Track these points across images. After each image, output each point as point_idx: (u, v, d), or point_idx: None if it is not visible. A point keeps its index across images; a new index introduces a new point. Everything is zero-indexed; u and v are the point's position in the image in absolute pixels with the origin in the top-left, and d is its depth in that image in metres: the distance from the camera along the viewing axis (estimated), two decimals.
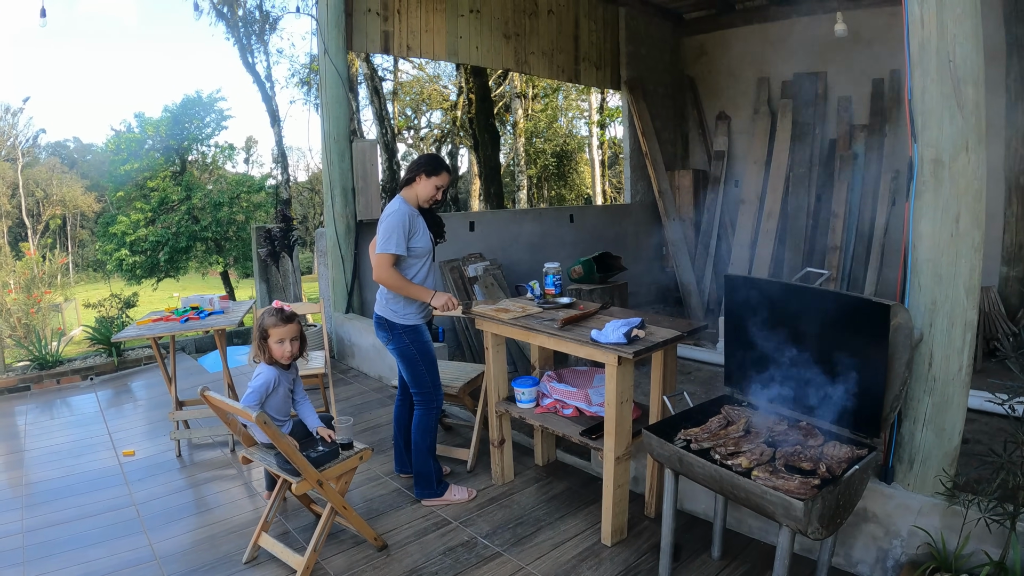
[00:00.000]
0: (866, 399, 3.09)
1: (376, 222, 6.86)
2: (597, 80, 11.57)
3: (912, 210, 3.40)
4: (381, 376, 7.63)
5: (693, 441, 3.26)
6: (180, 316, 5.92)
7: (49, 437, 6.57)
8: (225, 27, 24.96)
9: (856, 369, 3.09)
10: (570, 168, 29.83)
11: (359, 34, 8.24)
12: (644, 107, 11.65)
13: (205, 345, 10.68)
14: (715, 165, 12.03)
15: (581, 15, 10.93)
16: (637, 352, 3.63)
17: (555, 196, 30.17)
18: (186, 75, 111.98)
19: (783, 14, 11.07)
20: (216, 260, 26.55)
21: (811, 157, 10.74)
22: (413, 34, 8.73)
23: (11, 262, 11.08)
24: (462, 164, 30.17)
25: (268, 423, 3.43)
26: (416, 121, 29.22)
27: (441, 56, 9.18)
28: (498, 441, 4.82)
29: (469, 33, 9.31)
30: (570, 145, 29.75)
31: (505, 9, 9.73)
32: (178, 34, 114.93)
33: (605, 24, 11.38)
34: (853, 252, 10.15)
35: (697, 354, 8.32)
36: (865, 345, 3.06)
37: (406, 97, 27.94)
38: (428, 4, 8.82)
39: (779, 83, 11.34)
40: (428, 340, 4.61)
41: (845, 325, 3.14)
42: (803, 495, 2.70)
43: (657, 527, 4.06)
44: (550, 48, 10.48)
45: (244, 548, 4.07)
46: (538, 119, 28.25)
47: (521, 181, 23.67)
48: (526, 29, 10.06)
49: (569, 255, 10.14)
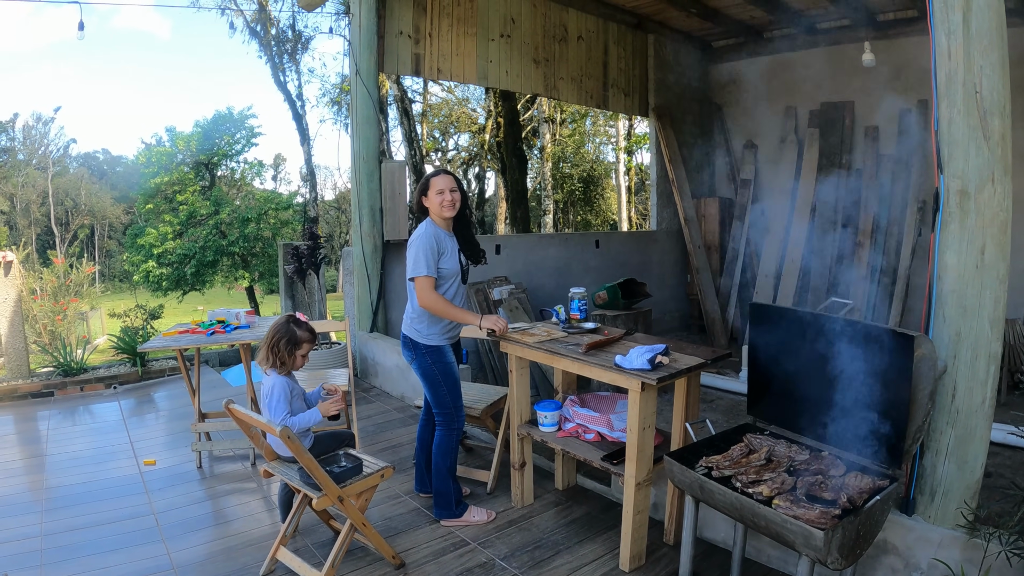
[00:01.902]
0: (888, 430, 3.10)
1: (403, 243, 6.98)
2: (625, 106, 11.62)
3: (938, 241, 3.40)
4: (403, 396, 7.65)
5: (714, 469, 3.27)
6: (206, 329, 5.97)
7: (71, 443, 6.64)
8: (258, 45, 25.30)
9: (879, 399, 3.10)
10: (596, 194, 29.85)
11: (390, 56, 8.32)
12: (671, 134, 11.68)
13: (229, 359, 10.74)
14: (741, 193, 12.03)
15: (610, 41, 10.99)
16: (661, 378, 3.63)
17: (581, 221, 30.16)
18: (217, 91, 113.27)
19: (811, 43, 11.10)
20: (242, 275, 26.64)
21: (837, 187, 10.71)
22: (444, 57, 8.81)
23: (39, 269, 11.18)
24: (488, 187, 30.26)
25: (292, 437, 3.46)
26: (444, 143, 29.36)
27: (471, 80, 9.25)
28: (519, 464, 4.82)
29: (499, 57, 9.38)
30: (597, 171, 29.77)
31: (535, 35, 9.80)
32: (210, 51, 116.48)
33: (634, 51, 11.44)
34: (878, 283, 10.11)
35: (719, 382, 8.29)
36: (889, 375, 3.07)
37: (435, 119, 28.08)
38: (459, 28, 8.90)
39: (806, 112, 11.34)
40: (451, 362, 4.60)
41: (869, 355, 3.15)
42: (823, 525, 2.70)
43: (676, 554, 4.03)
44: (579, 74, 10.53)
45: (262, 561, 4.09)
46: (566, 144, 28.31)
47: (547, 206, 23.70)
48: (555, 55, 10.13)
49: (594, 280, 10.15)
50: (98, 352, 12.55)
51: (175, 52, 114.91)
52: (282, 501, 4.47)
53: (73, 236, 56.25)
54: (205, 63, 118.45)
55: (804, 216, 10.93)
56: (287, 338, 4.08)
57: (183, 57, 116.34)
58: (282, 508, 4.47)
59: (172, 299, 27.15)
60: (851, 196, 10.67)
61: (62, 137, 70.26)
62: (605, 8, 10.76)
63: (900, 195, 10.07)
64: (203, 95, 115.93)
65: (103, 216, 58.86)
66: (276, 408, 4.00)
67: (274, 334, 4.10)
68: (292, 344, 4.09)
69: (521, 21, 9.61)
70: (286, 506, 4.39)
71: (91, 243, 58.40)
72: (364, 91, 8.01)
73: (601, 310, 8.56)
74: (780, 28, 11.40)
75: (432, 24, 8.68)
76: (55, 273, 10.71)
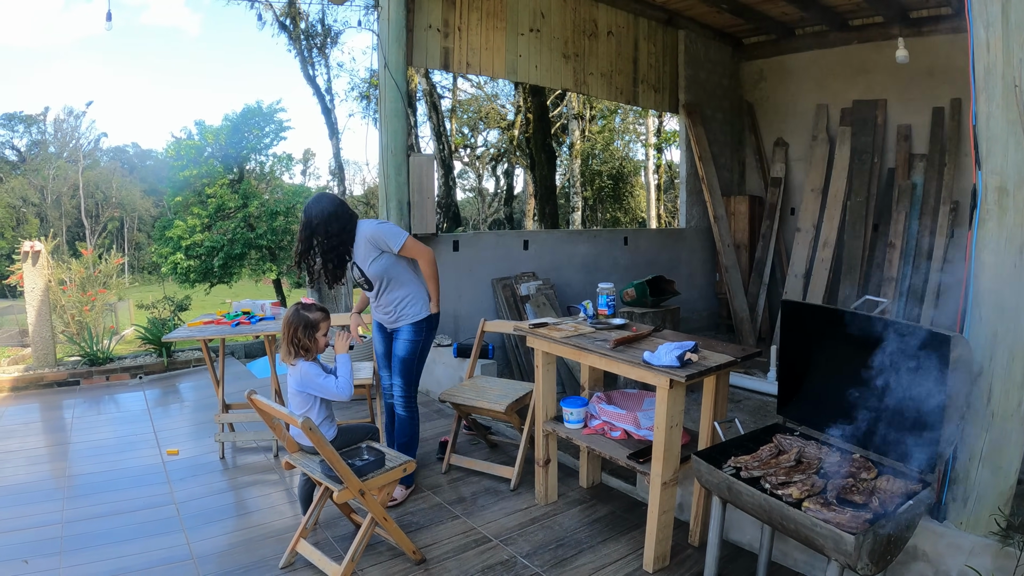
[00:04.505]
0: (922, 432, 3.02)
1: (431, 236, 7.08)
2: (655, 103, 11.54)
3: (975, 239, 3.33)
4: (428, 390, 7.64)
5: (743, 469, 3.21)
6: (231, 320, 5.99)
7: (95, 431, 6.71)
8: (287, 39, 25.37)
9: (913, 401, 3.02)
10: (625, 191, 29.75)
11: (419, 50, 8.30)
12: (702, 131, 11.59)
13: (254, 351, 10.78)
14: (771, 192, 11.93)
15: (640, 37, 10.91)
16: (690, 376, 3.58)
17: (609, 219, 30.08)
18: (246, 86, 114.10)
19: (843, 40, 10.99)
20: (269, 268, 26.82)
21: (869, 186, 10.60)
22: (473, 51, 8.77)
23: (68, 260, 11.27)
24: (517, 183, 30.25)
25: (314, 429, 3.45)
26: (472, 139, 29.37)
27: (500, 74, 9.22)
28: (544, 461, 4.79)
29: (529, 52, 9.33)
30: (626, 168, 29.67)
31: (565, 29, 9.74)
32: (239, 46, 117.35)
33: (664, 47, 11.36)
34: (909, 284, 9.99)
35: (746, 382, 8.22)
36: (923, 377, 2.99)
37: (463, 115, 28.08)
38: (488, 22, 8.86)
39: (838, 110, 11.22)
40: None
41: (904, 356, 3.07)
42: (854, 529, 2.64)
43: (700, 556, 3.97)
44: (609, 69, 10.47)
45: (281, 553, 4.08)
46: (595, 141, 28.23)
47: (576, 202, 23.65)
48: (585, 50, 10.06)
49: (622, 278, 10.09)
50: (124, 342, 12.67)
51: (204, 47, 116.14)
52: (302, 493, 4.46)
53: (103, 228, 56.89)
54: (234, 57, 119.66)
55: (835, 215, 10.82)
56: (303, 325, 4.08)
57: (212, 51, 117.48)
58: (302, 500, 4.46)
59: (200, 291, 27.42)
60: (883, 196, 10.56)
61: (93, 131, 71.17)
62: (635, 3, 10.68)
63: (933, 195, 9.94)
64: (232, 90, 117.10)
65: (132, 209, 59.48)
66: (321, 384, 4.10)
67: (289, 326, 4.10)
68: (310, 328, 4.10)
69: (551, 15, 9.56)
70: (307, 498, 4.38)
71: (120, 235, 59.01)
72: (392, 85, 7.98)
73: (629, 307, 8.51)
74: (811, 24, 11.29)
75: (461, 18, 8.64)
76: (84, 264, 10.78)
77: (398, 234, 4.71)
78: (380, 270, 4.73)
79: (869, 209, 10.58)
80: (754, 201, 12.00)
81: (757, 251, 11.87)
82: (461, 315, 8.72)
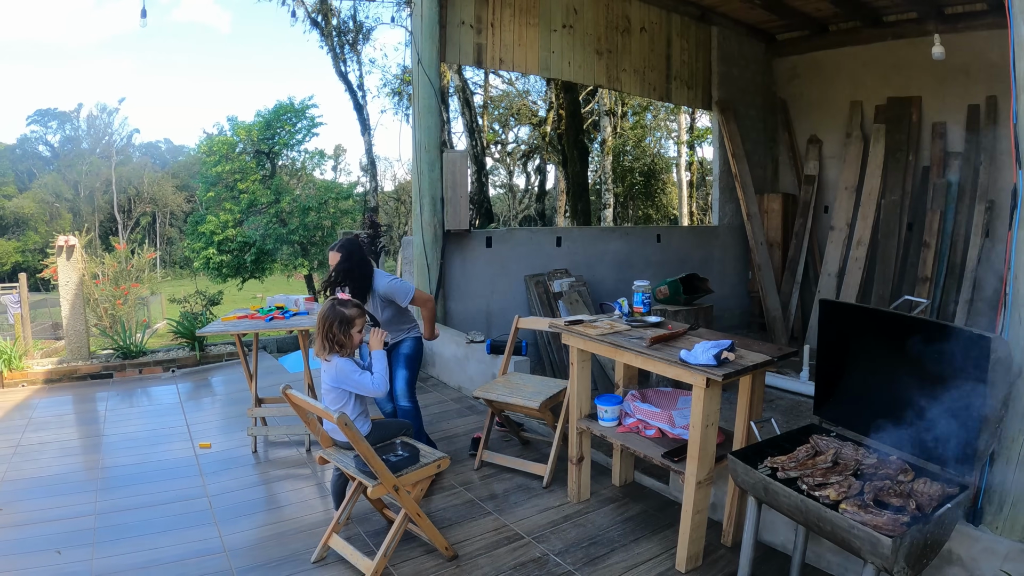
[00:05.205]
0: (960, 435, 2.99)
1: (464, 232, 7.16)
2: (688, 99, 11.52)
3: (1015, 239, 3.29)
4: (461, 386, 7.67)
5: (780, 470, 3.20)
6: (265, 315, 6.03)
7: (127, 424, 6.80)
8: (319, 36, 25.43)
9: (951, 403, 3.00)
10: (656, 187, 29.62)
11: (452, 46, 8.33)
12: (735, 128, 11.54)
13: (287, 345, 10.85)
14: (805, 190, 11.86)
15: (673, 33, 10.89)
16: (727, 375, 3.56)
17: (641, 216, 29.98)
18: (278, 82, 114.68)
19: (876, 36, 10.92)
20: (301, 263, 26.91)
21: (903, 184, 10.52)
22: (506, 47, 8.79)
23: (101, 255, 11.39)
24: (549, 180, 30.19)
25: (350, 425, 3.47)
26: (503, 136, 29.36)
27: (533, 70, 9.23)
28: (577, 458, 4.79)
29: (562, 48, 9.34)
30: (657, 164, 29.54)
31: (598, 25, 9.74)
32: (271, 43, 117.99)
33: (697, 43, 11.32)
34: (944, 284, 9.91)
35: (779, 382, 8.18)
36: (962, 379, 2.96)
37: (495, 111, 28.07)
38: (521, 18, 8.87)
39: (872, 107, 11.14)
40: None
41: (942, 357, 3.04)
42: (892, 532, 2.63)
43: (733, 557, 3.97)
44: (642, 66, 10.46)
45: (313, 547, 4.12)
46: (626, 137, 28.14)
47: (607, 199, 23.57)
48: (618, 46, 10.06)
49: (654, 275, 10.07)
50: (157, 336, 12.77)
51: (236, 43, 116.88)
52: (335, 488, 4.49)
53: (135, 223, 57.45)
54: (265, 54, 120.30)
55: (869, 214, 10.74)
56: (339, 320, 4.09)
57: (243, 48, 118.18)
58: (335, 495, 4.49)
59: (231, 286, 27.54)
60: (918, 195, 10.47)
61: (125, 127, 71.79)
62: None
63: (968, 194, 9.85)
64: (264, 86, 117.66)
65: (164, 204, 59.98)
66: (357, 380, 4.12)
67: (324, 320, 4.11)
68: (345, 324, 4.11)
69: (584, 12, 9.56)
70: (339, 493, 4.41)
71: (152, 230, 59.53)
72: (426, 81, 8.01)
73: (661, 305, 8.48)
74: (845, 21, 11.22)
75: (494, 14, 8.66)
76: (117, 258, 10.90)
77: (408, 291, 5.22)
78: (389, 315, 5.32)
79: (903, 208, 10.50)
80: (787, 199, 11.94)
81: (790, 249, 11.81)
82: (493, 311, 8.75)
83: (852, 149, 11.23)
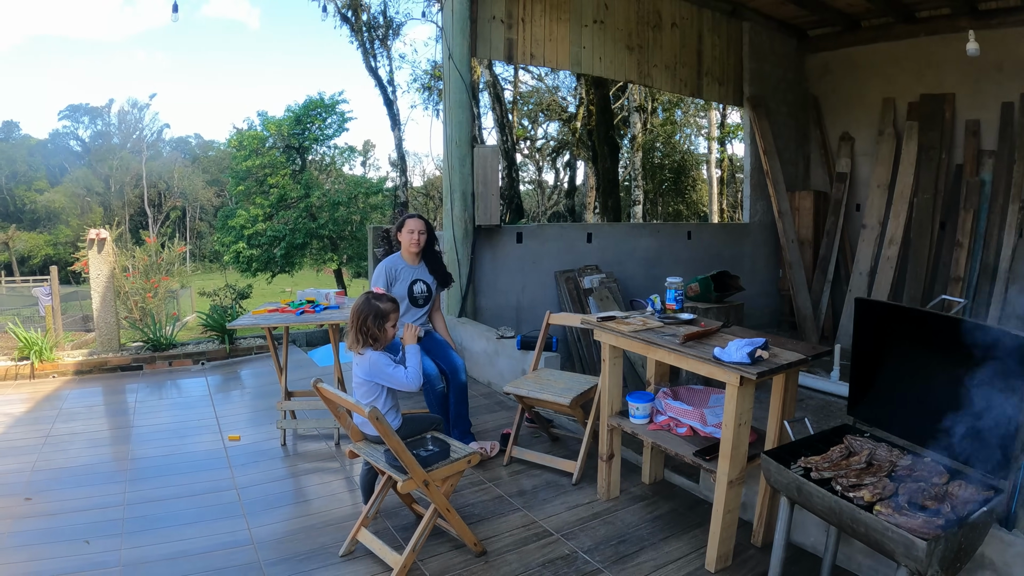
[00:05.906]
0: (995, 437, 2.96)
1: (495, 227, 7.29)
2: (719, 95, 11.48)
3: None
4: (490, 382, 7.67)
5: (813, 470, 3.18)
6: (296, 308, 6.06)
7: (157, 416, 6.86)
8: (349, 31, 25.53)
9: (988, 405, 2.96)
10: (687, 184, 29.52)
11: (483, 41, 8.34)
12: (766, 125, 11.48)
13: (316, 339, 10.90)
14: (837, 187, 11.78)
15: (704, 29, 10.85)
16: (761, 373, 3.54)
17: (671, 212, 29.89)
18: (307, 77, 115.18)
19: (909, 33, 10.82)
20: (331, 258, 27.05)
21: (936, 183, 10.43)
22: (537, 43, 8.78)
23: (132, 248, 11.50)
24: (578, 176, 30.17)
25: (381, 419, 3.48)
26: (533, 132, 29.34)
27: (564, 65, 9.22)
28: (607, 456, 4.78)
29: (592, 44, 9.33)
30: (688, 161, 29.44)
31: (629, 21, 9.72)
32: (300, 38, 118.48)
33: (728, 39, 11.27)
34: (976, 284, 9.81)
35: (809, 381, 8.13)
36: (999, 380, 2.93)
37: (524, 107, 28.06)
38: (552, 13, 8.87)
39: (905, 104, 11.05)
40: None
41: (979, 358, 3.01)
42: (926, 535, 2.61)
43: (763, 557, 3.93)
44: (673, 62, 10.43)
45: (341, 541, 4.12)
46: (657, 133, 28.05)
47: (637, 195, 23.50)
48: (649, 42, 10.03)
49: (684, 272, 10.01)
50: (187, 329, 12.90)
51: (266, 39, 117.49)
52: (364, 482, 4.50)
53: (165, 217, 58.06)
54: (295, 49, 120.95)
55: (901, 212, 10.66)
56: (373, 314, 4.09)
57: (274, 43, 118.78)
58: (364, 489, 4.50)
59: (261, 280, 27.70)
60: (951, 193, 10.37)
61: (156, 122, 72.66)
62: None
63: (1002, 193, 9.74)
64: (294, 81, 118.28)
65: (195, 198, 60.56)
66: (391, 374, 4.15)
67: (359, 314, 4.11)
68: (380, 319, 4.10)
69: (614, 7, 9.54)
70: (368, 488, 4.43)
71: (182, 224, 60.10)
72: (457, 76, 8.02)
73: (692, 302, 8.46)
74: (877, 16, 11.14)
75: (524, 9, 8.66)
76: (147, 252, 11.00)
77: (373, 282, 5.87)
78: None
79: (936, 206, 10.41)
80: (819, 196, 11.86)
81: (821, 248, 11.73)
82: (523, 307, 8.75)
83: (884, 146, 11.15)
